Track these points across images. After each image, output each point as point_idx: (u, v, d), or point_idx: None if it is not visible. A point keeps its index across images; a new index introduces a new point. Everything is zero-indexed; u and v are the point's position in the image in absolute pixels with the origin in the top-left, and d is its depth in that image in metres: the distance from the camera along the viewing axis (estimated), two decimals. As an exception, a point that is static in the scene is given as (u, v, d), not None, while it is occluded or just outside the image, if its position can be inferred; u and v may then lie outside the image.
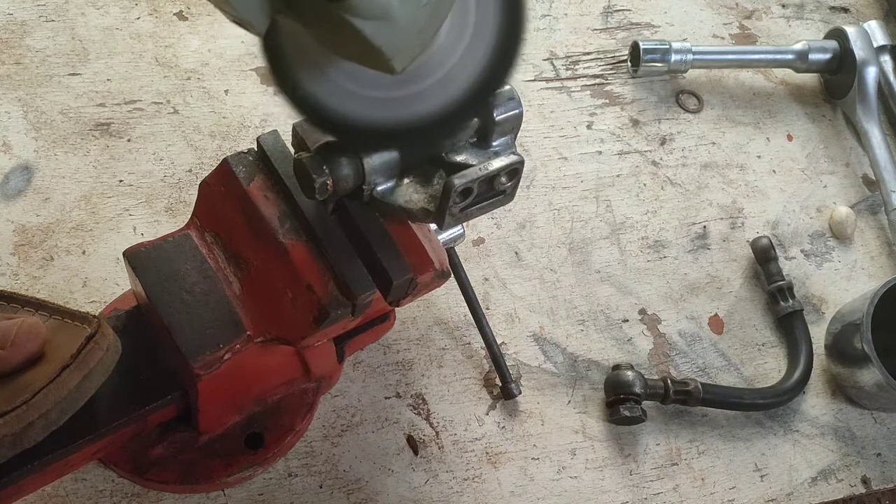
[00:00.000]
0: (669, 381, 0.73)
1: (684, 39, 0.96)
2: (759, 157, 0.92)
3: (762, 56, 0.96)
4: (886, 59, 0.95)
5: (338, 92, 0.45)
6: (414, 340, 0.73)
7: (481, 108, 0.48)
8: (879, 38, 0.95)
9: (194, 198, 0.58)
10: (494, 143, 0.52)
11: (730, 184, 0.89)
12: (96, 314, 0.52)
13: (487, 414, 0.72)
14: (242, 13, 0.39)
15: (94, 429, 0.53)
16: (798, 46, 0.95)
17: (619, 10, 0.97)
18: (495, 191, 0.51)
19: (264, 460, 0.63)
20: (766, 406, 0.77)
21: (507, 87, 0.52)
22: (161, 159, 0.76)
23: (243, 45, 0.82)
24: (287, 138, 0.55)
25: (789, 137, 0.94)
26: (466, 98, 0.45)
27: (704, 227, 0.86)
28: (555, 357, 0.76)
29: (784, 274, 0.83)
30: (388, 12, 0.39)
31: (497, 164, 0.49)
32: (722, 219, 0.87)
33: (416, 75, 0.45)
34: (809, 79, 0.99)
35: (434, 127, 0.45)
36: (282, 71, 0.44)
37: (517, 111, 0.52)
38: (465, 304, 0.73)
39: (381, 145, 0.49)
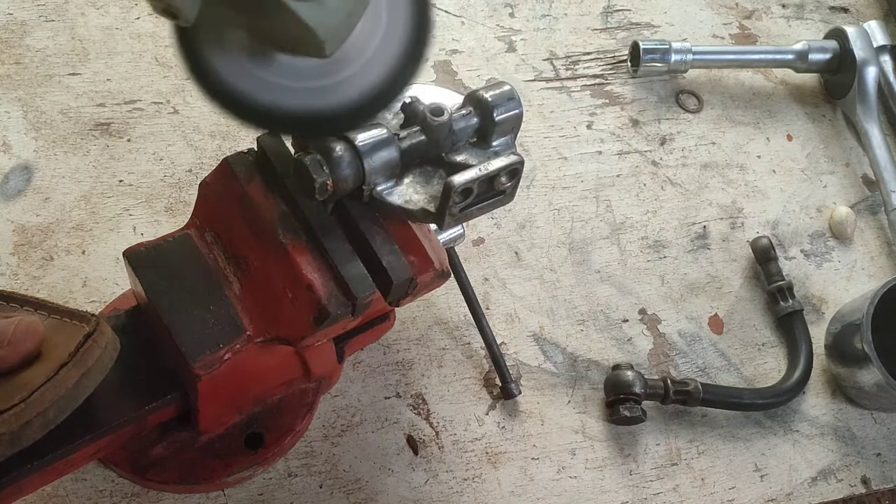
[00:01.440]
0: (669, 381, 0.73)
1: (684, 39, 0.96)
2: (759, 157, 0.92)
3: (762, 56, 0.96)
4: (886, 59, 0.95)
5: (260, 83, 0.46)
6: (414, 340, 0.73)
7: (395, 98, 0.50)
8: (879, 38, 0.95)
9: (194, 198, 0.58)
10: (494, 143, 0.53)
11: (730, 184, 0.89)
12: (96, 314, 0.52)
13: (487, 414, 0.72)
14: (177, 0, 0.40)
15: (93, 428, 0.53)
16: (798, 46, 0.95)
17: (619, 10, 0.97)
18: (495, 191, 0.51)
19: (264, 460, 0.63)
20: (765, 406, 0.77)
21: (506, 87, 0.53)
22: (161, 159, 0.76)
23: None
24: (287, 138, 0.55)
25: (789, 137, 0.94)
26: (383, 88, 0.48)
27: (704, 227, 0.86)
28: (555, 357, 0.76)
29: (784, 274, 0.83)
30: None
31: (497, 164, 0.49)
32: (722, 219, 0.87)
33: (335, 66, 0.47)
34: (809, 79, 0.99)
35: (353, 115, 0.48)
36: (199, 62, 0.45)
37: (517, 111, 0.52)
38: (465, 304, 0.73)
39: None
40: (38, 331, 0.49)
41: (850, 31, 0.94)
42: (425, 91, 0.55)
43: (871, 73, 0.93)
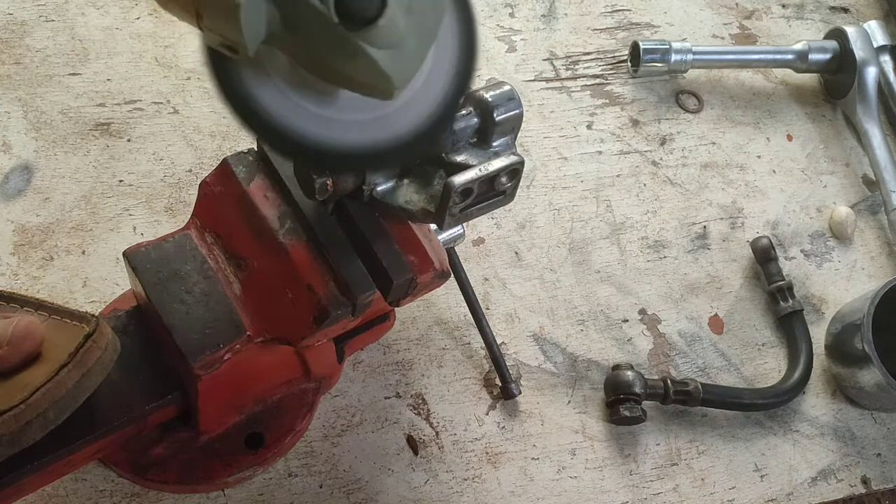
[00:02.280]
0: (669, 381, 0.73)
1: (684, 39, 0.96)
2: (759, 157, 0.92)
3: (762, 56, 0.96)
4: (886, 59, 0.95)
5: (306, 115, 0.44)
6: (414, 340, 0.73)
7: (446, 130, 0.49)
8: (879, 38, 0.95)
9: (194, 198, 0.58)
10: (494, 144, 0.52)
11: (730, 184, 0.89)
12: (96, 314, 0.52)
13: (487, 414, 0.72)
14: (244, 36, 0.38)
15: (94, 429, 0.53)
16: (798, 46, 0.95)
17: (619, 10, 0.97)
18: (495, 191, 0.51)
19: (264, 460, 0.63)
20: (766, 406, 0.77)
21: (507, 87, 0.52)
22: (161, 159, 0.76)
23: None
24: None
25: (789, 137, 0.94)
26: (431, 122, 0.46)
27: (704, 227, 0.86)
28: (555, 357, 0.76)
29: (784, 274, 0.83)
30: (401, 42, 0.40)
31: (497, 164, 0.49)
32: (722, 219, 0.87)
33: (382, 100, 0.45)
34: (809, 79, 0.99)
35: (402, 149, 0.46)
36: (241, 93, 0.43)
37: (517, 111, 0.52)
38: (465, 304, 0.73)
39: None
40: (37, 331, 0.49)
41: (850, 31, 0.94)
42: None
43: (871, 73, 0.93)
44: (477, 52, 0.47)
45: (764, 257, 0.83)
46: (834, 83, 0.97)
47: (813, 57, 0.94)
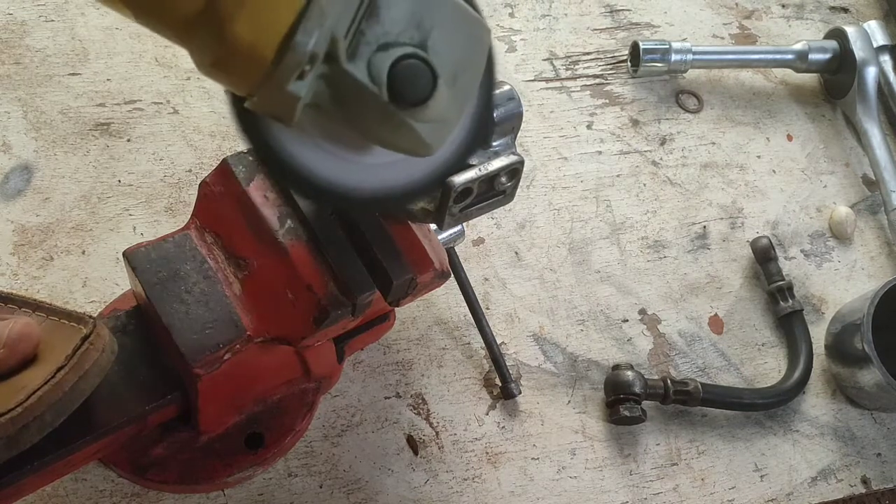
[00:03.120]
0: (669, 381, 0.73)
1: (684, 39, 0.96)
2: (759, 157, 0.92)
3: (762, 56, 0.96)
4: (886, 59, 0.95)
5: (330, 161, 0.45)
6: (414, 340, 0.73)
7: (462, 168, 0.50)
8: (879, 38, 0.95)
9: (194, 198, 0.58)
10: (494, 144, 0.52)
11: (730, 184, 0.89)
12: (95, 314, 0.52)
13: (487, 414, 0.72)
14: (296, 116, 0.39)
15: (93, 429, 0.53)
16: (798, 46, 0.95)
17: (619, 10, 0.97)
18: (495, 191, 0.51)
19: (264, 460, 0.63)
20: (765, 406, 0.77)
21: (506, 87, 0.53)
22: (161, 159, 0.76)
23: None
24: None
25: (789, 137, 0.94)
26: (448, 164, 0.47)
27: (704, 227, 0.86)
28: (555, 357, 0.76)
29: (784, 274, 0.83)
30: (445, 115, 0.41)
31: (497, 164, 0.49)
32: (722, 219, 0.87)
33: None
34: (809, 79, 0.99)
35: (417, 192, 0.47)
36: (270, 146, 0.43)
37: (517, 111, 0.52)
38: (465, 304, 0.73)
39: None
40: (34, 333, 0.49)
41: (850, 31, 0.94)
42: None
43: (871, 73, 0.93)
44: (492, 119, 0.49)
45: (764, 257, 0.83)
46: (834, 83, 0.97)
47: (813, 57, 0.94)
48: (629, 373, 0.73)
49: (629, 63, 0.93)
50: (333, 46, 0.37)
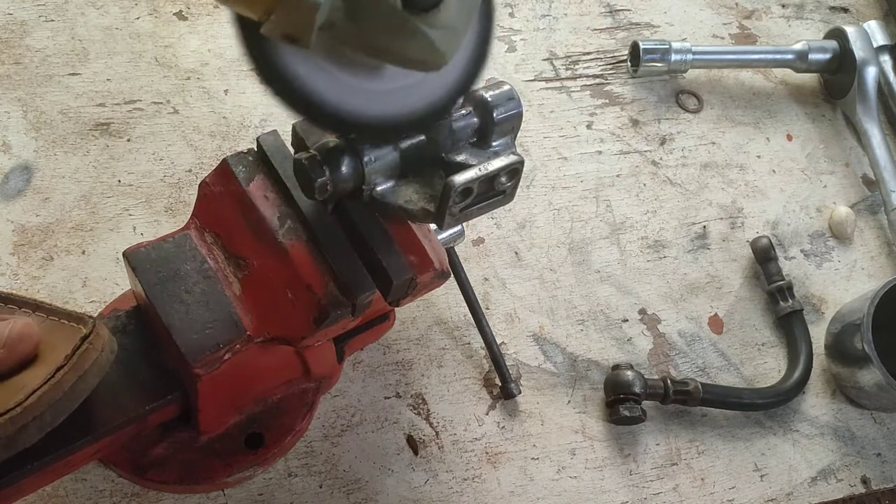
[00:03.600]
0: (669, 381, 0.73)
1: (684, 39, 0.96)
2: (758, 157, 0.92)
3: (762, 56, 0.96)
4: (886, 59, 0.95)
5: (340, 86, 0.46)
6: (414, 340, 0.73)
7: (464, 95, 0.51)
8: (879, 38, 0.95)
9: (194, 198, 0.58)
10: (494, 143, 0.53)
11: (730, 184, 0.89)
12: (95, 314, 0.52)
13: (487, 414, 0.72)
14: (315, 31, 0.39)
15: (93, 429, 0.53)
16: (798, 46, 0.95)
17: (619, 10, 0.97)
18: (495, 191, 0.51)
19: (264, 460, 0.63)
20: (765, 406, 0.77)
21: (506, 87, 0.53)
22: (161, 159, 0.76)
23: (243, 45, 0.82)
24: (287, 138, 0.55)
25: (789, 137, 0.94)
26: (455, 89, 0.49)
27: (704, 227, 0.86)
28: (555, 357, 0.76)
29: (784, 274, 0.83)
30: (455, 22, 0.43)
31: (497, 164, 0.49)
32: (722, 219, 0.87)
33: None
34: (809, 79, 0.99)
35: (430, 116, 0.49)
36: (278, 69, 0.44)
37: (517, 111, 0.52)
38: (465, 304, 0.73)
39: (384, 138, 0.50)
40: (34, 333, 0.49)
41: (850, 31, 0.94)
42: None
43: (871, 73, 0.93)
44: (492, 38, 0.51)
45: (764, 257, 0.83)
46: (834, 83, 0.97)
47: (813, 57, 0.94)
48: (629, 373, 0.73)
49: (629, 63, 0.93)
50: None
